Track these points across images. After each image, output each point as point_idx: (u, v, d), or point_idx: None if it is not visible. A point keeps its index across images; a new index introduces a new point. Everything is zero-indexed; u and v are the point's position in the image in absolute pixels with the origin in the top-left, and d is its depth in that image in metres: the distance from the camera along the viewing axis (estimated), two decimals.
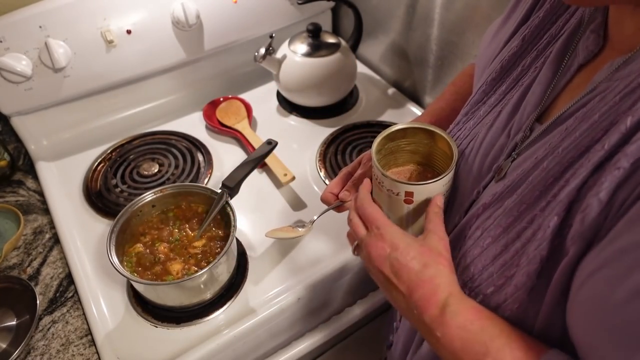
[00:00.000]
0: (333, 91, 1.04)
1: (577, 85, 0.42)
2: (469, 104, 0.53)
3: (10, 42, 0.84)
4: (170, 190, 0.74)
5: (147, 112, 1.07)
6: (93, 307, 0.71)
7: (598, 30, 0.40)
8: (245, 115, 1.02)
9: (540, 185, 0.39)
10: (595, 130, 0.35)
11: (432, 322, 0.42)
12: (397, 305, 0.46)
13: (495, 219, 0.42)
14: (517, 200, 0.40)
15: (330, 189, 0.63)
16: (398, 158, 0.57)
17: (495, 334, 0.39)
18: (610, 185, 0.32)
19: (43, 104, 0.93)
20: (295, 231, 0.67)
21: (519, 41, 0.48)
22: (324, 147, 0.96)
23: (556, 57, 0.43)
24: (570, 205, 0.36)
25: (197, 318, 0.69)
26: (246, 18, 1.04)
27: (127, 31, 0.92)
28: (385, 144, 0.54)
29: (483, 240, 0.43)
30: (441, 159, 0.54)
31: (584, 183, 0.35)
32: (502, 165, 0.45)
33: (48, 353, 0.66)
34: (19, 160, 0.97)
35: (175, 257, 0.69)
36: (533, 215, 0.39)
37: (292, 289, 0.72)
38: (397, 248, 0.45)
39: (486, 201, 0.44)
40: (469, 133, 0.52)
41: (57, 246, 0.80)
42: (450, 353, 0.41)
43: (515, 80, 0.48)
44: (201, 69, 1.10)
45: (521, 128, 0.45)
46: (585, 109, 0.37)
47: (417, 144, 0.55)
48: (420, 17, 0.98)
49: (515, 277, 0.39)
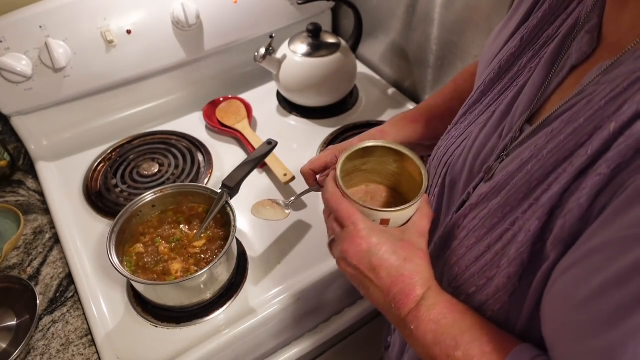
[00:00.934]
0: (333, 91, 1.04)
1: (568, 86, 0.41)
2: (466, 105, 0.53)
3: (10, 42, 0.84)
4: (170, 190, 0.74)
5: (147, 112, 1.07)
6: (93, 307, 0.71)
7: (593, 32, 0.40)
8: (245, 115, 1.02)
9: (524, 188, 0.38)
10: (579, 134, 0.35)
11: (408, 316, 0.42)
12: (374, 300, 0.46)
13: (481, 220, 0.42)
14: (502, 202, 0.40)
15: (312, 165, 0.61)
16: (353, 179, 0.55)
17: (466, 328, 0.39)
18: (590, 192, 0.32)
19: (43, 104, 0.93)
20: (278, 210, 0.66)
21: (517, 41, 0.48)
22: (324, 147, 0.96)
23: (550, 58, 0.43)
24: (552, 210, 0.35)
25: (197, 318, 0.69)
26: (246, 18, 1.04)
27: (127, 31, 0.92)
28: (344, 166, 0.51)
29: (468, 240, 0.43)
30: (408, 181, 0.52)
31: (566, 189, 0.34)
32: (492, 167, 0.45)
33: (48, 353, 0.66)
34: (19, 160, 0.97)
35: (175, 257, 0.69)
36: (515, 218, 0.39)
37: (292, 289, 0.72)
38: (376, 244, 0.44)
39: (473, 201, 0.44)
40: (463, 132, 0.52)
41: (57, 246, 0.80)
42: (422, 346, 0.41)
43: (511, 80, 0.47)
44: (201, 69, 1.10)
45: (512, 129, 0.45)
46: (571, 112, 0.37)
47: (381, 162, 0.53)
48: (420, 17, 0.98)
49: (496, 278, 0.39)
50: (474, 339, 0.39)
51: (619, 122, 0.32)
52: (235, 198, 0.73)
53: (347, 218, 0.46)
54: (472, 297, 0.42)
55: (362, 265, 0.45)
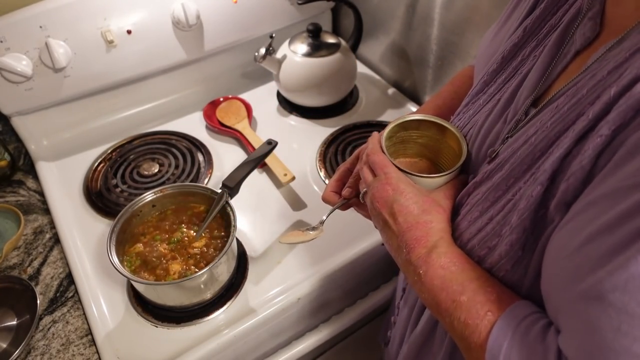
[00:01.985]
0: (333, 91, 1.04)
1: (572, 70, 0.42)
2: (469, 95, 0.54)
3: (10, 42, 0.84)
4: (170, 190, 0.74)
5: (147, 112, 1.07)
6: (93, 307, 0.71)
7: (595, 18, 0.40)
8: (245, 115, 1.02)
9: (528, 159, 0.39)
10: (582, 104, 0.36)
11: (418, 260, 0.43)
12: (389, 244, 0.48)
13: (484, 194, 0.43)
14: (505, 174, 0.41)
15: (331, 188, 0.63)
16: (407, 149, 0.57)
17: (474, 276, 0.41)
18: (592, 153, 0.32)
19: (43, 104, 0.94)
20: (308, 234, 0.66)
21: (520, 32, 0.48)
22: (324, 147, 0.96)
23: (554, 45, 0.44)
24: (553, 174, 0.36)
25: (197, 318, 0.69)
26: (246, 18, 1.04)
27: (127, 31, 0.93)
28: (398, 132, 0.54)
29: (471, 215, 0.44)
30: (449, 157, 0.54)
31: (568, 153, 0.35)
32: (497, 150, 0.46)
33: (48, 353, 0.66)
34: (19, 160, 0.97)
35: (175, 257, 0.70)
36: (518, 188, 0.39)
37: (292, 289, 0.72)
38: (402, 192, 0.47)
39: (477, 179, 0.45)
40: (468, 121, 0.52)
41: (58, 246, 0.80)
42: (429, 291, 0.42)
43: (514, 69, 0.48)
44: (201, 69, 1.10)
45: (517, 113, 0.45)
46: (576, 88, 0.38)
47: (429, 138, 0.55)
48: (420, 17, 0.98)
49: (497, 247, 0.40)
50: (480, 286, 0.40)
51: (619, 86, 0.32)
52: (235, 198, 0.73)
53: (381, 168, 0.50)
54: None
55: (384, 209, 0.47)
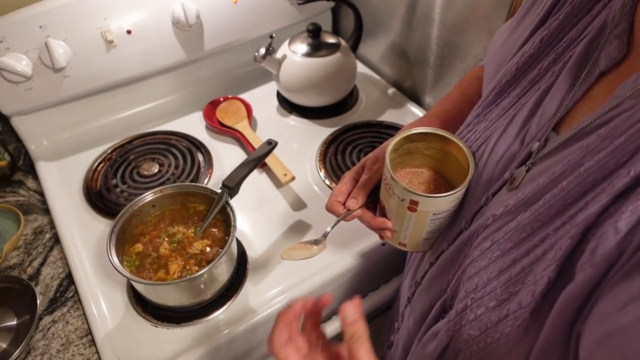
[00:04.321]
0: (333, 91, 1.04)
1: (597, 94, 0.40)
2: (480, 106, 0.52)
3: (10, 42, 0.84)
4: (170, 190, 0.74)
5: (147, 112, 1.07)
6: (93, 307, 0.71)
7: (622, 37, 0.37)
8: (245, 115, 1.02)
9: (558, 205, 0.37)
10: (620, 153, 0.33)
11: None
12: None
13: (506, 233, 0.41)
14: (532, 217, 0.39)
15: (336, 197, 0.60)
16: (414, 159, 0.56)
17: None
18: (631, 216, 0.30)
19: (43, 104, 0.93)
20: (311, 248, 0.66)
21: (537, 43, 0.45)
22: (324, 147, 0.96)
23: (576, 63, 0.41)
24: (586, 230, 0.34)
25: (197, 318, 0.69)
26: (246, 18, 1.04)
27: (127, 31, 0.92)
28: (404, 144, 0.53)
29: (491, 253, 0.42)
30: (455, 168, 0.53)
31: (604, 209, 0.33)
32: (515, 175, 0.43)
33: (48, 353, 0.66)
34: (19, 160, 0.97)
35: (175, 257, 0.69)
36: (546, 234, 0.37)
37: (291, 289, 0.72)
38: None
39: (496, 212, 0.43)
40: (479, 136, 0.50)
41: (57, 246, 0.80)
42: None
43: (530, 83, 0.46)
44: (201, 69, 1.10)
45: (536, 136, 0.43)
46: (609, 127, 0.35)
47: (435, 150, 0.54)
48: (420, 17, 0.98)
49: (519, 294, 0.38)
50: None
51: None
52: (235, 198, 0.73)
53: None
54: (492, 310, 0.41)
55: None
